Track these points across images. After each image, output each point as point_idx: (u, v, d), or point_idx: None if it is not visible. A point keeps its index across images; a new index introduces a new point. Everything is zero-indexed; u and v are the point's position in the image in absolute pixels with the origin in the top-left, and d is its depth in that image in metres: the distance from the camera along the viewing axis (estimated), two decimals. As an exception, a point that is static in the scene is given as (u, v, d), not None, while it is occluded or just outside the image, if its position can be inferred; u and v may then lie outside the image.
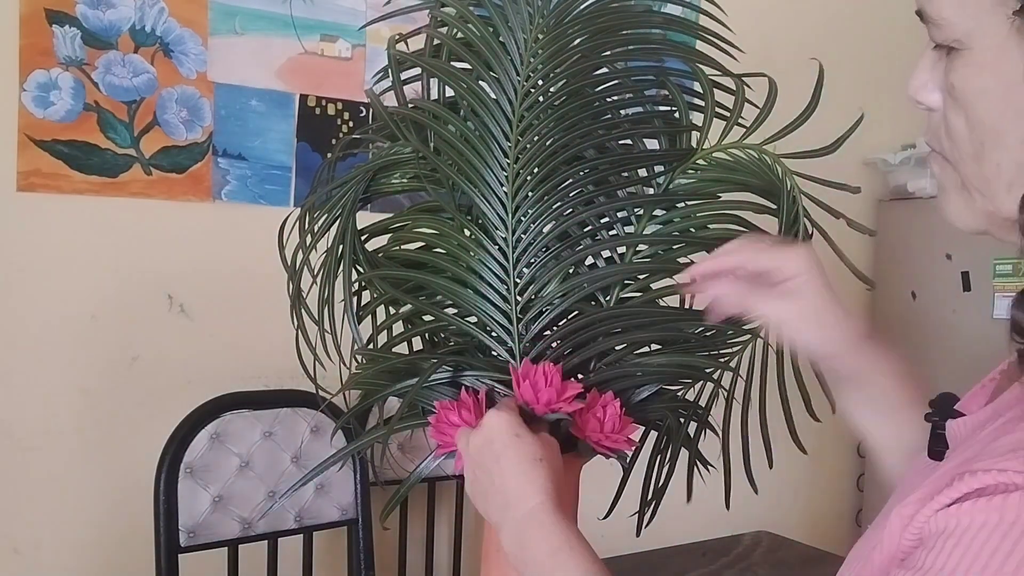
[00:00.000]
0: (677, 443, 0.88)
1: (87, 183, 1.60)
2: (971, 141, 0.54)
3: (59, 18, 1.55)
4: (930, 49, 0.57)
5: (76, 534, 1.64)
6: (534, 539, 0.69)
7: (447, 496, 1.88)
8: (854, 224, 0.84)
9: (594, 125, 0.82)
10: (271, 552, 1.54)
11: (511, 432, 0.72)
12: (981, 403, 0.63)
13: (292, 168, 1.78)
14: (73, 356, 1.62)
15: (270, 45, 1.74)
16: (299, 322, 0.90)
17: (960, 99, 0.54)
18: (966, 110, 0.54)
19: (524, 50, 0.82)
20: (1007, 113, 0.51)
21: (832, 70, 0.87)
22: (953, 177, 0.57)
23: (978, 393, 0.64)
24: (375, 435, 0.87)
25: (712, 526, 1.65)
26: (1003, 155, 0.52)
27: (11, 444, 1.58)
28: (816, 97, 0.84)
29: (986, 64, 0.52)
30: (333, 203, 0.89)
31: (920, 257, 2.50)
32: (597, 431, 0.78)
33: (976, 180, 0.55)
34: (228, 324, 1.74)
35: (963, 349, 2.37)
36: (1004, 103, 0.51)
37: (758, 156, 0.85)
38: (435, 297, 0.86)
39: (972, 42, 0.52)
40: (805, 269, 0.71)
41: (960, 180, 0.56)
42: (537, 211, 0.81)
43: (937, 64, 0.56)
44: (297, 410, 1.56)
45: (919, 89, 0.58)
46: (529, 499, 0.70)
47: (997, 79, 0.51)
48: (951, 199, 0.58)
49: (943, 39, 0.54)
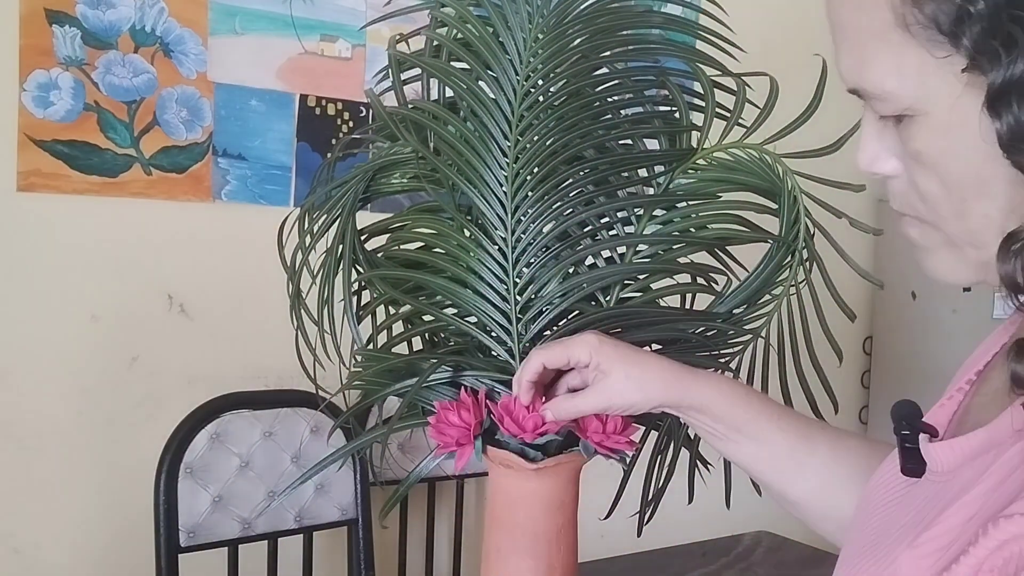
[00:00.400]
0: (677, 443, 0.88)
1: (87, 183, 1.60)
2: (950, 200, 0.51)
3: (59, 18, 1.55)
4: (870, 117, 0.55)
5: (76, 534, 1.64)
6: None
7: (447, 496, 1.88)
8: (857, 224, 0.83)
9: (594, 125, 0.82)
10: (271, 552, 1.54)
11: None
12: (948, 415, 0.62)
13: (292, 168, 1.78)
14: (73, 356, 1.62)
15: (270, 45, 1.74)
16: (299, 322, 0.90)
17: (928, 163, 0.51)
18: (937, 172, 0.51)
19: (524, 50, 0.82)
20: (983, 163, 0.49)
21: (833, 70, 0.87)
22: (936, 237, 0.55)
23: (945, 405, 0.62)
24: (375, 435, 0.87)
25: (712, 526, 1.65)
26: (989, 204, 0.50)
27: (11, 444, 1.58)
28: (819, 94, 0.84)
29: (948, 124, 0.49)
30: (333, 203, 0.89)
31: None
32: (599, 432, 0.78)
33: (964, 235, 0.52)
34: (228, 324, 1.74)
35: (963, 349, 2.36)
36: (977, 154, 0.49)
37: (759, 156, 0.85)
38: (435, 297, 0.86)
39: (925, 107, 0.50)
40: (594, 348, 0.72)
41: (945, 238, 0.54)
42: (537, 211, 0.81)
43: (883, 131, 0.54)
44: (297, 410, 1.56)
45: (872, 162, 0.56)
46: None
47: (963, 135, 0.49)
48: (940, 258, 0.55)
49: (890, 111, 0.52)
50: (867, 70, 0.51)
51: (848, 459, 0.75)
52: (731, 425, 0.74)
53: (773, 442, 0.74)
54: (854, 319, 0.85)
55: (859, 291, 2.52)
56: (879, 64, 0.50)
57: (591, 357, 0.73)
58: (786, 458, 0.74)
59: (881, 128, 0.54)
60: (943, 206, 0.52)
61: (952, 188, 0.51)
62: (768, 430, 0.74)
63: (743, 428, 0.74)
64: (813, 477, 0.75)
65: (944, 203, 0.52)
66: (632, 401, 0.73)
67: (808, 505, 0.76)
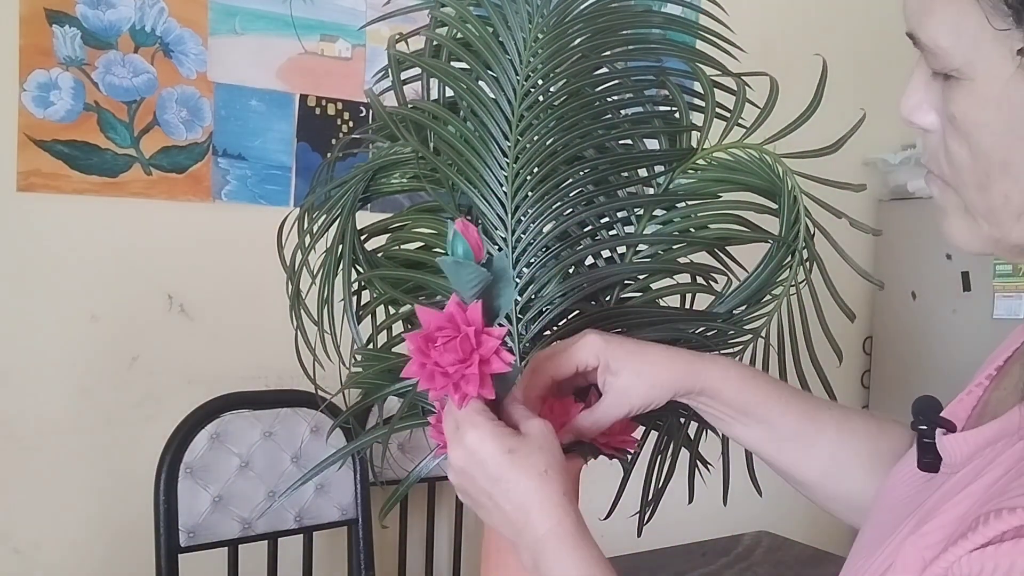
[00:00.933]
0: (677, 443, 0.88)
1: (87, 183, 1.60)
2: (975, 171, 0.52)
3: (59, 18, 1.55)
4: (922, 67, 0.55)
5: (76, 534, 1.64)
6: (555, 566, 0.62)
7: (447, 496, 1.88)
8: (857, 224, 0.83)
9: (594, 125, 0.82)
10: (271, 552, 1.54)
11: (503, 450, 0.63)
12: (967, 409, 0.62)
13: (292, 168, 1.78)
14: (73, 356, 1.62)
15: (270, 45, 1.74)
16: (298, 322, 0.90)
17: (962, 129, 0.51)
18: (969, 140, 0.51)
19: (524, 50, 0.82)
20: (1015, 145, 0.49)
21: (832, 70, 0.87)
22: (955, 201, 0.55)
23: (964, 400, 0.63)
24: (375, 435, 0.87)
25: (712, 526, 1.65)
26: (1011, 186, 0.50)
27: (11, 443, 1.58)
28: (819, 94, 0.84)
29: (990, 98, 0.49)
30: (332, 203, 0.88)
31: (920, 257, 2.50)
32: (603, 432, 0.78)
33: (981, 208, 0.53)
34: (228, 324, 1.74)
35: (963, 349, 2.37)
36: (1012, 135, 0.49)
37: (759, 156, 0.85)
38: (435, 297, 0.86)
39: (973, 73, 0.50)
40: (600, 351, 0.71)
41: (963, 204, 0.54)
42: (537, 211, 0.81)
43: (932, 83, 0.54)
44: (297, 410, 1.56)
45: (913, 110, 0.56)
46: (546, 519, 0.63)
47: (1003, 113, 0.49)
48: (954, 223, 0.56)
49: (940, 68, 0.52)
50: (927, 19, 0.51)
51: (855, 439, 0.75)
52: (739, 409, 0.73)
53: (781, 424, 0.74)
54: (854, 319, 0.85)
55: (859, 291, 2.52)
56: (940, 17, 0.50)
57: (598, 359, 0.71)
58: (794, 439, 0.74)
59: (929, 80, 0.54)
60: (967, 174, 0.52)
61: (979, 159, 0.51)
62: (776, 412, 0.73)
63: (751, 411, 0.73)
64: (821, 457, 0.75)
65: (969, 172, 0.52)
66: (649, 398, 0.71)
67: (816, 485, 0.76)
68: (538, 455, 0.64)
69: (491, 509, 0.66)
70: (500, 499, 0.64)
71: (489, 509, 0.66)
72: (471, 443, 0.64)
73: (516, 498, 0.63)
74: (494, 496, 0.65)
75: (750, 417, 0.74)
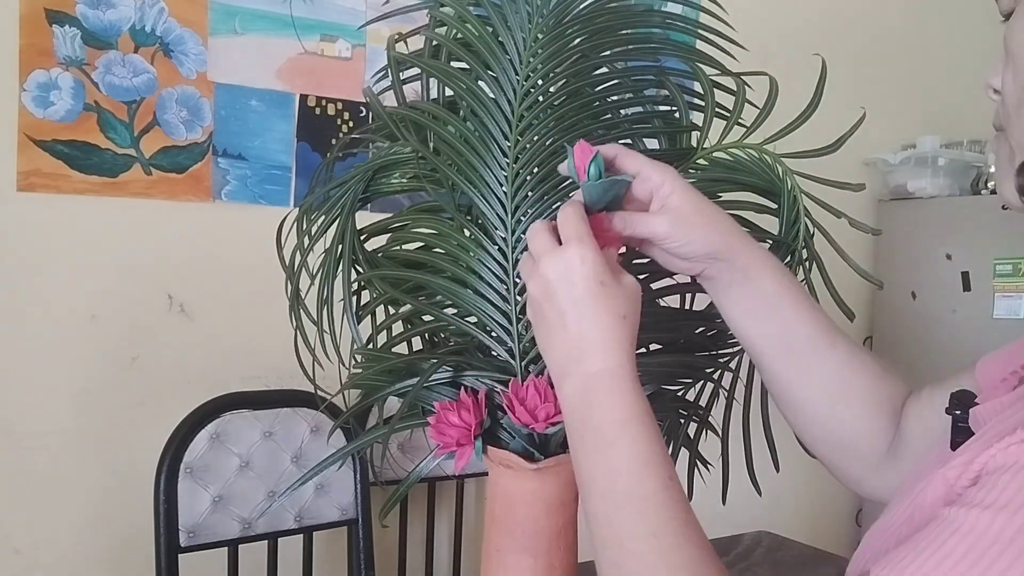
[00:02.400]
0: (677, 443, 0.88)
1: (87, 183, 1.60)
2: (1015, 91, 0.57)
3: (59, 18, 1.55)
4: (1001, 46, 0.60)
5: (76, 534, 1.64)
6: (604, 402, 0.61)
7: (447, 496, 1.88)
8: (857, 224, 0.84)
9: (594, 125, 0.82)
10: (271, 552, 1.54)
11: (596, 279, 0.63)
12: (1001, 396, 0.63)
13: (292, 168, 1.78)
14: (73, 356, 1.62)
15: (270, 45, 1.74)
16: (298, 322, 0.90)
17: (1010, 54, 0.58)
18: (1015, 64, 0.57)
19: (524, 50, 0.82)
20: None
21: (832, 69, 0.87)
22: (1005, 148, 0.59)
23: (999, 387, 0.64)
24: (375, 435, 0.87)
25: (712, 526, 1.65)
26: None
27: (11, 443, 1.58)
28: (819, 94, 0.84)
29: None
30: (332, 203, 0.88)
31: (920, 257, 2.50)
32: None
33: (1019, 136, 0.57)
34: (228, 324, 1.74)
35: (963, 349, 2.37)
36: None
37: (759, 156, 0.85)
38: (434, 297, 0.86)
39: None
40: (670, 178, 0.70)
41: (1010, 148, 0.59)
42: (537, 211, 0.81)
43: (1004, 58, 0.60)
44: (297, 410, 1.56)
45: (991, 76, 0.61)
46: (608, 357, 0.62)
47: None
48: (1002, 171, 0.60)
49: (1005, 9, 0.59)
50: None
51: (861, 371, 0.75)
52: (766, 300, 0.73)
53: (799, 330, 0.73)
54: (854, 319, 0.85)
55: (859, 291, 2.52)
56: None
57: (664, 183, 0.70)
58: (806, 349, 0.74)
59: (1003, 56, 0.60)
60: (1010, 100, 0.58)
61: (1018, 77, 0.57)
62: (798, 318, 0.73)
63: (776, 307, 0.73)
64: (824, 375, 0.74)
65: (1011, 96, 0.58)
66: (691, 236, 0.70)
67: (808, 402, 0.76)
68: (623, 301, 0.64)
69: (556, 329, 0.64)
70: (571, 322, 0.63)
71: (554, 329, 0.65)
72: (572, 256, 0.64)
73: (588, 328, 0.63)
74: (566, 316, 0.64)
75: (773, 312, 0.73)
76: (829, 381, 0.75)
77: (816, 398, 0.75)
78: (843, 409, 0.75)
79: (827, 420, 0.76)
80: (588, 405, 0.62)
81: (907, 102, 2.59)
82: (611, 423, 0.61)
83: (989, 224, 2.33)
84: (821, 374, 0.75)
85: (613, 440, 0.60)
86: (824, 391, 0.75)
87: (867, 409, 0.75)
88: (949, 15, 2.66)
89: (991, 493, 0.46)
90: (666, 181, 0.70)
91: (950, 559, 0.46)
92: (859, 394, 0.75)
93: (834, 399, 0.75)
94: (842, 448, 0.76)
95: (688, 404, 0.90)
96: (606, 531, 0.59)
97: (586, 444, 0.62)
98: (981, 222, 2.35)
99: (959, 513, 0.47)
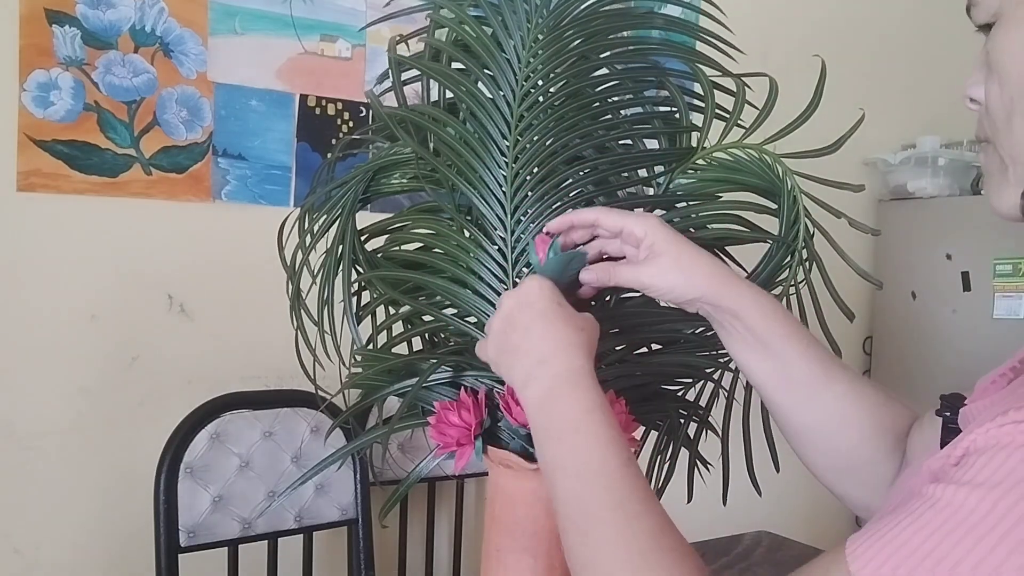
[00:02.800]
0: (677, 443, 0.88)
1: (87, 183, 1.60)
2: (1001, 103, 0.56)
3: (59, 18, 1.55)
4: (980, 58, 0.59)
5: (76, 534, 1.64)
6: (570, 397, 0.67)
7: (447, 496, 1.88)
8: (857, 224, 0.84)
9: (594, 125, 0.82)
10: (271, 552, 1.54)
11: (554, 300, 0.71)
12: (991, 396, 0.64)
13: (292, 168, 1.78)
14: (73, 356, 1.62)
15: (270, 45, 1.74)
16: (298, 322, 0.90)
17: (993, 65, 0.57)
18: (999, 74, 0.56)
19: (523, 51, 0.82)
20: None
21: (832, 69, 0.87)
22: (995, 159, 0.59)
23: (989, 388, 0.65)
24: (375, 435, 0.87)
25: (712, 526, 1.65)
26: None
27: (11, 443, 1.58)
28: (818, 94, 0.84)
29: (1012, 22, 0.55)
30: (333, 203, 0.89)
31: (920, 257, 2.50)
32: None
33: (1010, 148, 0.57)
34: (228, 324, 1.75)
35: (963, 349, 2.37)
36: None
37: (758, 156, 0.85)
38: (434, 297, 0.86)
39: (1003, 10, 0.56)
40: (651, 227, 0.73)
41: (1000, 159, 0.58)
42: (537, 211, 0.81)
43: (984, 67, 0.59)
44: (297, 410, 1.56)
45: (970, 86, 0.61)
46: (572, 360, 0.68)
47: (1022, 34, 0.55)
48: (993, 183, 0.60)
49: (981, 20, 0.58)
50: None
51: (862, 401, 0.75)
52: (760, 338, 0.74)
53: (796, 365, 0.74)
54: (853, 319, 0.85)
55: (859, 291, 2.52)
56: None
57: (646, 235, 0.73)
58: (804, 383, 0.75)
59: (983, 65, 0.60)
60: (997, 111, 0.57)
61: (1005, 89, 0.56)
62: (795, 353, 0.74)
63: (771, 344, 0.74)
64: (824, 408, 0.75)
65: (999, 108, 0.57)
66: (674, 284, 0.72)
67: (810, 433, 0.76)
68: (580, 319, 0.71)
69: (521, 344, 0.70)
70: (536, 334, 0.70)
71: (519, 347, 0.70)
72: (530, 284, 0.72)
73: (552, 335, 0.69)
74: (531, 330, 0.70)
75: (769, 350, 0.74)
76: (829, 415, 0.75)
77: (817, 429, 0.76)
78: (843, 441, 0.75)
79: (829, 450, 0.76)
80: (554, 399, 0.67)
81: (907, 102, 2.59)
82: (577, 412, 0.66)
83: (989, 224, 2.33)
84: (820, 408, 0.75)
85: (579, 427, 0.65)
86: (824, 424, 0.75)
87: (869, 439, 0.75)
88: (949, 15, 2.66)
89: (969, 472, 0.49)
90: (648, 232, 0.73)
91: (925, 530, 0.48)
92: (858, 423, 0.75)
93: (832, 428, 0.75)
94: (847, 475, 0.77)
95: (688, 404, 0.90)
96: (574, 507, 0.63)
97: (552, 434, 0.67)
98: (981, 222, 2.35)
99: (938, 489, 0.50)
